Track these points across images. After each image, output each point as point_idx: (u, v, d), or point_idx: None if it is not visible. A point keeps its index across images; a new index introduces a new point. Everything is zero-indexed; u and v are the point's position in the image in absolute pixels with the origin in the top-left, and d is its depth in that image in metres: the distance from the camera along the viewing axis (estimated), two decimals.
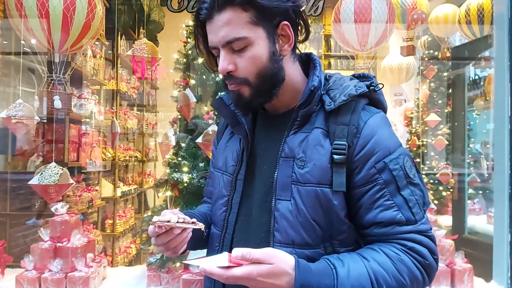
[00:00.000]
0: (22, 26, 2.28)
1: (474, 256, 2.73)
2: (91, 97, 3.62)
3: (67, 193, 3.09)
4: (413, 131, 4.63)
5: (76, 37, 2.36)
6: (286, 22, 0.98)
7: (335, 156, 0.95)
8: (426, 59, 4.45)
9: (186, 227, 0.96)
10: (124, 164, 4.76)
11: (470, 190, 4.19)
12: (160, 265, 2.39)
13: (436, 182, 4.41)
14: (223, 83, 1.03)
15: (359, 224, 0.98)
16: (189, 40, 2.73)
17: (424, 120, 4.17)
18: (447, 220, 4.12)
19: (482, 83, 4.11)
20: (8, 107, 2.31)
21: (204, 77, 2.75)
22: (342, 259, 0.91)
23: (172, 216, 0.95)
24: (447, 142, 4.23)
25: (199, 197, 1.41)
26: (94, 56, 3.76)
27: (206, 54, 1.07)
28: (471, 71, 4.24)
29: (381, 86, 1.04)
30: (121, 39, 4.33)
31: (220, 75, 1.05)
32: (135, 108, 5.17)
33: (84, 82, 3.63)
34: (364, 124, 0.97)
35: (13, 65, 3.26)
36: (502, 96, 2.56)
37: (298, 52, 1.08)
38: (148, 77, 3.24)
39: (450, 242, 2.44)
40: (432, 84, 4.71)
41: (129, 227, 4.64)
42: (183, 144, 2.64)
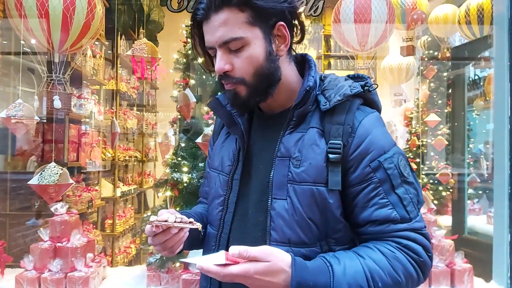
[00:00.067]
0: (22, 26, 2.28)
1: (474, 256, 2.73)
2: (91, 97, 3.62)
3: (67, 193, 3.09)
4: (413, 131, 4.63)
5: (76, 37, 2.36)
6: (282, 23, 0.99)
7: (331, 155, 0.96)
8: (426, 59, 4.45)
9: (183, 227, 0.96)
10: (124, 164, 4.76)
11: (470, 190, 4.19)
12: (160, 265, 2.39)
13: (436, 182, 4.42)
14: (219, 83, 1.04)
15: (354, 223, 0.99)
16: (189, 40, 2.73)
17: (424, 120, 4.17)
18: (447, 220, 4.12)
19: (482, 83, 4.11)
20: (8, 107, 2.31)
21: (204, 77, 2.75)
22: (338, 257, 0.92)
23: (170, 216, 0.95)
24: (447, 142, 4.23)
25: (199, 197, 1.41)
26: (94, 56, 3.76)
27: (203, 54, 1.08)
28: (471, 71, 4.24)
29: (376, 87, 1.05)
30: (121, 39, 4.32)
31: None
32: (135, 108, 5.16)
33: (84, 82, 3.63)
34: (359, 124, 0.98)
35: (13, 65, 3.26)
36: (502, 96, 2.56)
37: (294, 53, 1.09)
38: (148, 77, 3.24)
39: (450, 242, 2.44)
40: (432, 84, 4.72)
41: (129, 227, 4.64)
42: (183, 144, 2.64)
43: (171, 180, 2.50)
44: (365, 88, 1.02)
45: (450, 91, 4.40)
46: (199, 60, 1.10)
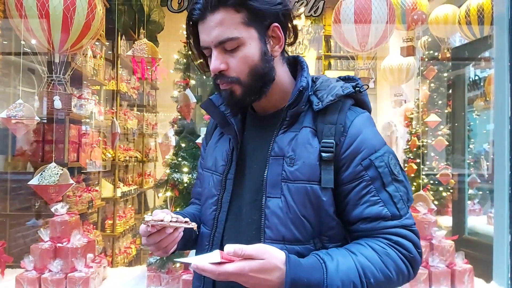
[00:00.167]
0: (22, 26, 2.28)
1: (474, 257, 2.73)
2: (91, 98, 3.62)
3: (67, 194, 3.09)
4: (413, 132, 4.63)
5: (76, 38, 2.36)
6: (277, 24, 1.01)
7: (323, 154, 0.98)
8: (426, 60, 4.45)
9: (178, 227, 0.97)
10: (124, 165, 4.76)
11: (470, 191, 4.19)
12: (160, 266, 2.39)
13: (436, 183, 4.41)
14: (214, 83, 1.05)
15: (346, 220, 1.01)
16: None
17: (424, 121, 4.17)
18: (447, 221, 4.12)
19: (482, 84, 4.11)
20: (8, 107, 2.31)
21: (204, 78, 2.75)
22: (331, 254, 0.94)
23: (165, 216, 0.96)
24: (447, 143, 4.23)
25: None
26: (94, 57, 3.76)
27: (197, 54, 1.09)
28: (471, 72, 4.24)
29: (366, 87, 1.08)
30: (121, 40, 4.32)
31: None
32: (135, 109, 5.17)
33: (84, 83, 3.63)
34: (351, 123, 1.01)
35: (13, 65, 3.26)
36: (502, 97, 2.56)
37: (286, 55, 1.11)
38: (148, 78, 3.23)
39: (450, 243, 2.44)
40: (432, 85, 4.71)
41: (129, 228, 4.64)
42: (183, 145, 2.64)
43: (172, 181, 2.50)
44: (356, 89, 1.05)
45: (451, 92, 4.40)
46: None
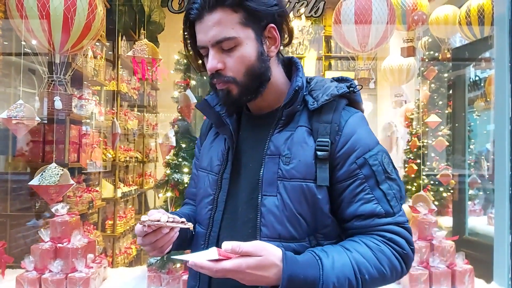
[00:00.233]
0: (23, 27, 2.28)
1: (475, 257, 2.72)
2: (92, 98, 3.62)
3: (68, 194, 3.09)
4: (414, 132, 4.63)
5: (77, 38, 2.36)
6: (273, 25, 1.03)
7: (319, 153, 1.00)
8: (427, 60, 4.45)
9: (175, 226, 0.97)
10: (125, 165, 4.76)
11: (471, 191, 4.18)
12: (161, 266, 2.39)
13: (437, 183, 4.41)
14: (210, 83, 1.06)
15: (341, 218, 1.03)
16: None
17: (425, 121, 4.17)
18: (448, 221, 4.12)
19: (483, 84, 4.11)
20: (9, 108, 2.31)
21: (205, 78, 2.75)
22: (327, 251, 0.95)
23: (162, 216, 0.96)
24: (448, 143, 4.23)
25: None
26: (95, 57, 3.76)
27: (193, 54, 1.10)
28: (472, 72, 4.24)
29: (360, 88, 1.10)
30: (122, 40, 4.32)
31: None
32: (136, 109, 5.17)
33: (85, 83, 3.63)
34: (345, 123, 1.03)
35: (14, 66, 3.26)
36: (503, 97, 2.56)
37: (281, 56, 1.12)
38: (149, 78, 3.24)
39: (451, 243, 2.44)
40: (433, 85, 4.71)
41: (130, 228, 4.64)
42: (184, 145, 2.64)
43: (172, 181, 2.50)
44: (350, 89, 1.07)
45: (451, 92, 4.40)
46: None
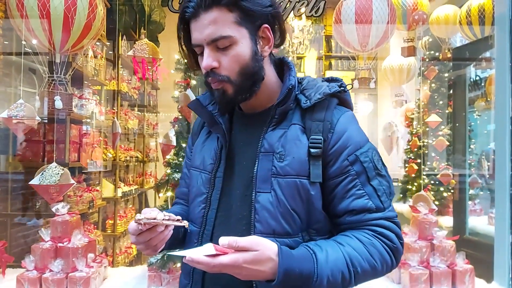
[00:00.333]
0: (23, 27, 2.28)
1: (475, 257, 2.72)
2: (92, 98, 3.62)
3: (68, 193, 3.09)
4: (414, 132, 4.63)
5: (77, 38, 2.36)
6: (267, 25, 1.05)
7: (312, 150, 1.03)
8: (427, 60, 4.45)
9: (171, 224, 0.97)
10: (125, 165, 4.75)
11: (471, 191, 4.18)
12: (161, 266, 2.39)
13: (437, 183, 4.41)
14: (205, 82, 1.08)
15: (333, 213, 1.06)
16: None
17: (425, 121, 4.17)
18: (448, 221, 4.11)
19: (483, 84, 4.10)
20: (9, 107, 2.31)
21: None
22: (320, 245, 0.98)
23: (158, 214, 0.96)
24: (448, 143, 4.23)
25: None
26: (95, 57, 3.76)
27: (188, 53, 1.12)
28: (472, 72, 4.24)
29: (350, 87, 1.15)
30: (122, 40, 4.32)
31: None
32: (136, 109, 5.16)
33: (85, 83, 3.63)
34: (337, 121, 1.06)
35: (14, 66, 3.26)
36: (503, 97, 2.56)
37: (273, 57, 1.14)
38: (149, 78, 3.24)
39: (451, 243, 2.44)
40: (433, 85, 4.71)
41: None
42: (184, 145, 2.64)
43: (172, 181, 2.50)
44: (341, 88, 1.10)
45: (451, 92, 4.40)
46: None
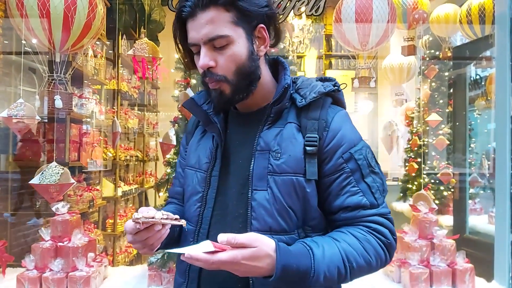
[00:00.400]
0: (23, 26, 2.28)
1: (475, 256, 2.73)
2: (92, 97, 3.62)
3: (68, 193, 3.09)
4: (414, 131, 4.63)
5: (77, 37, 2.36)
6: (263, 25, 1.06)
7: (308, 148, 1.04)
8: (427, 59, 4.44)
9: (168, 223, 0.97)
10: (125, 164, 4.75)
11: (471, 190, 4.18)
12: (161, 265, 2.39)
13: (437, 182, 4.41)
14: (202, 82, 1.08)
15: (328, 210, 1.07)
16: None
17: (425, 120, 4.17)
18: (448, 220, 4.11)
19: (483, 83, 4.10)
20: (9, 107, 2.31)
21: None
22: (317, 242, 0.99)
23: (156, 213, 0.96)
24: (448, 142, 4.22)
25: None
26: (95, 56, 3.76)
27: (184, 52, 1.12)
28: (472, 71, 4.23)
29: (344, 87, 1.17)
30: (122, 39, 4.32)
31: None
32: (136, 108, 5.17)
33: (85, 82, 3.63)
34: (332, 119, 1.08)
35: (14, 65, 3.26)
36: (504, 96, 2.56)
37: (267, 57, 1.16)
38: (149, 77, 3.24)
39: (451, 242, 2.44)
40: (433, 84, 4.71)
41: None
42: None
43: (172, 180, 2.50)
44: (335, 87, 1.12)
45: (452, 91, 4.39)
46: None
